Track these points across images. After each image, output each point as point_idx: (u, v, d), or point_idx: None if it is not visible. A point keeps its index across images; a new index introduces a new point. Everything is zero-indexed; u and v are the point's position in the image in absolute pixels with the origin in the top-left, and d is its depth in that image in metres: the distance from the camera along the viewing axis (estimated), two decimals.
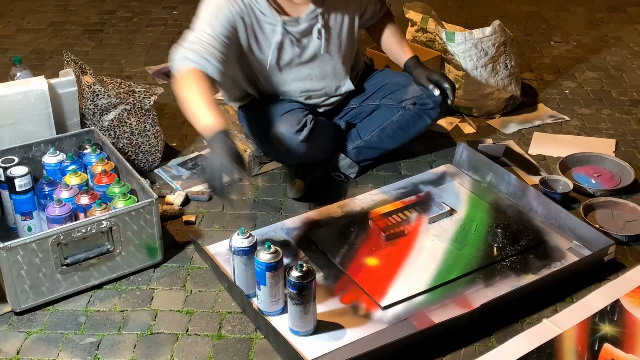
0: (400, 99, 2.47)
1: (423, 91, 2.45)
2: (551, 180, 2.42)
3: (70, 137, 2.34)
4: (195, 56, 2.07)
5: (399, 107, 2.47)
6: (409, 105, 2.46)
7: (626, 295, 1.95)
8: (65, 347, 1.83)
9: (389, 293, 1.96)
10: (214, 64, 2.08)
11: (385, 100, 2.50)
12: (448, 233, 2.20)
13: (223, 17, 2.14)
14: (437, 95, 2.42)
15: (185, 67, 2.07)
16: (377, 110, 2.51)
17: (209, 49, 2.09)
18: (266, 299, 1.87)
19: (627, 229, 2.24)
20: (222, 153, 1.86)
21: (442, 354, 1.80)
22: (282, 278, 1.85)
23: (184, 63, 2.08)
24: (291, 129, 2.23)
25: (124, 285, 2.04)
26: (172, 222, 2.29)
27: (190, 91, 2.01)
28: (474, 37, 2.79)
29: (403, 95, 2.47)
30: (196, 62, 2.06)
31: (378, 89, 2.52)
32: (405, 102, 2.46)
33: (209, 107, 1.96)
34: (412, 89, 2.48)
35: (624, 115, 2.94)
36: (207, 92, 2.02)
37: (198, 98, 1.98)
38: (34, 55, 3.54)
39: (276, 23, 2.23)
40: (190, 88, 2.01)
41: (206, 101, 1.97)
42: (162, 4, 4.18)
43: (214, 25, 2.12)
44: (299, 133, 2.24)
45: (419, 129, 2.51)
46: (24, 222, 2.13)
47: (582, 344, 1.81)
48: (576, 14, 4.02)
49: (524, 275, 2.02)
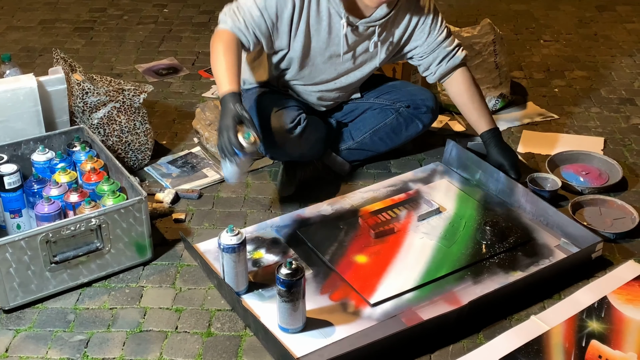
0: (394, 101, 2.48)
1: (417, 95, 2.46)
2: (540, 178, 2.43)
3: (60, 135, 2.33)
4: (235, 25, 2.13)
5: (392, 109, 2.48)
6: (402, 108, 2.47)
7: (613, 292, 1.97)
8: (54, 345, 1.83)
9: (378, 290, 1.97)
10: (251, 40, 2.15)
11: (378, 100, 2.50)
12: (437, 230, 2.20)
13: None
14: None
15: (225, 29, 2.14)
16: (370, 110, 2.51)
17: (251, 24, 2.14)
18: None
19: (614, 226, 2.25)
20: (226, 114, 1.99)
21: (430, 350, 1.81)
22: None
23: (225, 25, 2.14)
24: (284, 126, 2.24)
25: (113, 283, 2.04)
26: (162, 220, 2.29)
27: (217, 54, 2.11)
28: (464, 36, 2.80)
29: (397, 98, 2.48)
30: (235, 30, 2.13)
31: (372, 89, 2.52)
32: (398, 105, 2.47)
33: (228, 72, 2.07)
34: (406, 91, 2.48)
35: (612, 113, 2.95)
36: (232, 56, 2.10)
37: (221, 63, 2.09)
38: (24, 52, 3.53)
39: (341, 17, 2.20)
40: (218, 51, 2.11)
41: (227, 66, 2.08)
42: (152, 2, 4.17)
43: (268, 2, 2.13)
44: (291, 130, 2.24)
45: (411, 133, 2.52)
46: (13, 220, 2.13)
47: (570, 341, 1.82)
48: (566, 13, 4.03)
49: (512, 272, 2.04)
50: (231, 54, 2.10)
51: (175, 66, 3.38)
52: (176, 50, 3.56)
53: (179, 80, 3.25)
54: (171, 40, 3.67)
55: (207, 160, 2.60)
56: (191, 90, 3.15)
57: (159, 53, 3.53)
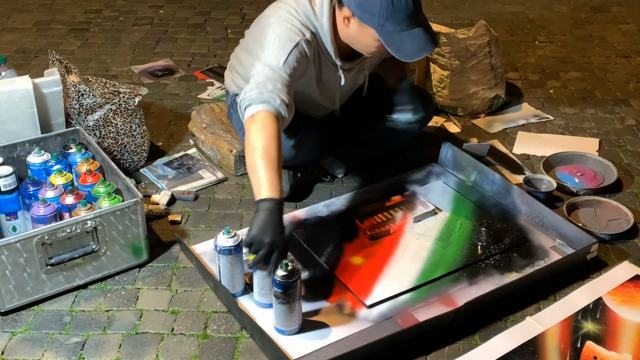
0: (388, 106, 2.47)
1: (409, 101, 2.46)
2: (535, 179, 2.44)
3: (55, 137, 2.33)
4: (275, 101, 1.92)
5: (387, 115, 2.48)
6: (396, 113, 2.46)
7: (608, 293, 1.97)
8: (50, 347, 1.83)
9: (374, 292, 1.97)
10: (288, 105, 1.95)
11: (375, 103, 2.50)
12: (433, 232, 2.21)
13: (294, 57, 2.00)
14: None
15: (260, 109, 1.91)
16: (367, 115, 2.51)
17: (285, 90, 1.94)
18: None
19: (609, 227, 2.26)
20: (275, 229, 1.78)
21: (426, 352, 1.81)
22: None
23: (261, 107, 1.90)
24: (282, 134, 2.23)
25: (109, 285, 2.04)
26: (158, 222, 2.29)
27: (256, 144, 1.86)
28: (459, 37, 2.80)
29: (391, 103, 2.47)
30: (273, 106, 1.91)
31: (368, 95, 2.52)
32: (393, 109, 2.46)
33: (278, 176, 1.85)
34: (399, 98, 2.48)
35: (607, 114, 2.96)
36: (274, 147, 1.87)
37: (264, 160, 1.84)
38: (19, 54, 3.53)
39: (337, 64, 2.15)
40: (256, 141, 1.86)
41: (268, 165, 1.84)
42: (148, 3, 4.16)
43: (289, 62, 1.99)
44: (289, 139, 2.23)
45: (407, 135, 2.52)
46: (8, 222, 2.13)
47: (565, 342, 1.82)
48: (561, 14, 4.04)
49: (507, 273, 2.04)
50: (275, 142, 1.87)
51: (171, 67, 3.38)
52: (172, 51, 3.56)
53: (174, 81, 3.25)
54: (167, 42, 3.67)
55: (203, 162, 2.60)
56: (187, 92, 3.15)
57: (155, 54, 3.53)
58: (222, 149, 2.53)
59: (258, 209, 1.79)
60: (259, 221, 1.77)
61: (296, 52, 2.01)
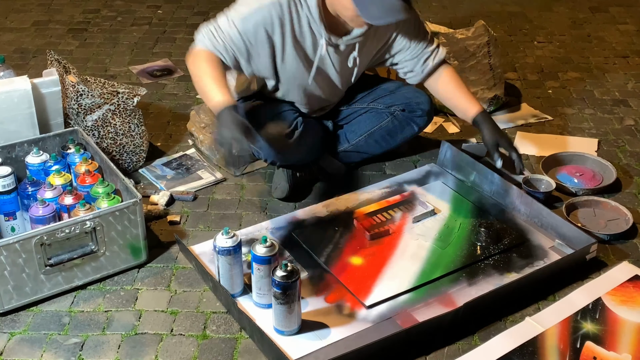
0: (389, 105, 2.48)
1: (412, 98, 2.46)
2: (534, 179, 2.44)
3: (54, 137, 2.33)
4: (214, 45, 2.11)
5: (388, 112, 2.48)
6: (397, 111, 2.47)
7: (608, 294, 1.97)
8: (49, 348, 1.83)
9: (374, 292, 1.97)
10: (230, 59, 2.13)
11: (374, 104, 2.50)
12: (432, 232, 2.21)
13: (261, 18, 2.10)
14: (499, 167, 2.32)
15: (203, 48, 2.12)
16: (366, 114, 2.51)
17: (229, 46, 2.11)
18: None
19: (608, 227, 2.26)
20: (232, 126, 1.94)
21: (426, 352, 1.81)
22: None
23: (204, 45, 2.12)
24: (282, 131, 2.23)
25: (108, 286, 2.04)
26: (157, 222, 2.29)
27: (202, 70, 2.09)
28: (458, 37, 2.80)
29: (392, 101, 2.48)
30: (214, 50, 2.11)
31: (367, 93, 2.52)
32: (393, 108, 2.47)
33: (218, 85, 2.04)
34: (401, 94, 2.48)
35: (606, 114, 2.96)
36: (218, 71, 2.09)
37: (209, 77, 2.07)
38: (17, 54, 3.52)
39: (321, 37, 2.18)
40: (202, 67, 2.09)
41: (215, 80, 2.06)
42: (146, 3, 4.16)
43: (246, 23, 2.10)
44: (290, 135, 2.23)
45: (406, 135, 2.52)
46: (7, 223, 2.12)
47: (564, 342, 1.82)
48: (559, 14, 4.04)
49: (507, 273, 2.04)
50: (218, 69, 2.09)
51: (170, 67, 3.38)
52: (170, 51, 3.55)
53: (173, 81, 3.25)
54: (165, 42, 3.67)
55: (202, 162, 2.60)
56: (185, 92, 3.14)
57: (153, 54, 3.52)
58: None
59: (215, 116, 2.01)
60: (218, 124, 1.99)
61: (266, 11, 2.10)
